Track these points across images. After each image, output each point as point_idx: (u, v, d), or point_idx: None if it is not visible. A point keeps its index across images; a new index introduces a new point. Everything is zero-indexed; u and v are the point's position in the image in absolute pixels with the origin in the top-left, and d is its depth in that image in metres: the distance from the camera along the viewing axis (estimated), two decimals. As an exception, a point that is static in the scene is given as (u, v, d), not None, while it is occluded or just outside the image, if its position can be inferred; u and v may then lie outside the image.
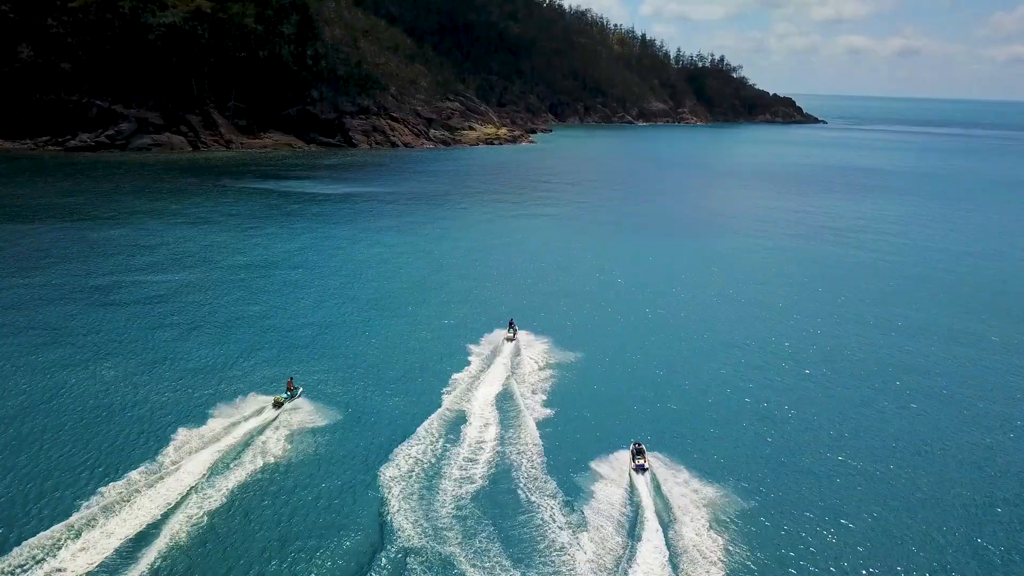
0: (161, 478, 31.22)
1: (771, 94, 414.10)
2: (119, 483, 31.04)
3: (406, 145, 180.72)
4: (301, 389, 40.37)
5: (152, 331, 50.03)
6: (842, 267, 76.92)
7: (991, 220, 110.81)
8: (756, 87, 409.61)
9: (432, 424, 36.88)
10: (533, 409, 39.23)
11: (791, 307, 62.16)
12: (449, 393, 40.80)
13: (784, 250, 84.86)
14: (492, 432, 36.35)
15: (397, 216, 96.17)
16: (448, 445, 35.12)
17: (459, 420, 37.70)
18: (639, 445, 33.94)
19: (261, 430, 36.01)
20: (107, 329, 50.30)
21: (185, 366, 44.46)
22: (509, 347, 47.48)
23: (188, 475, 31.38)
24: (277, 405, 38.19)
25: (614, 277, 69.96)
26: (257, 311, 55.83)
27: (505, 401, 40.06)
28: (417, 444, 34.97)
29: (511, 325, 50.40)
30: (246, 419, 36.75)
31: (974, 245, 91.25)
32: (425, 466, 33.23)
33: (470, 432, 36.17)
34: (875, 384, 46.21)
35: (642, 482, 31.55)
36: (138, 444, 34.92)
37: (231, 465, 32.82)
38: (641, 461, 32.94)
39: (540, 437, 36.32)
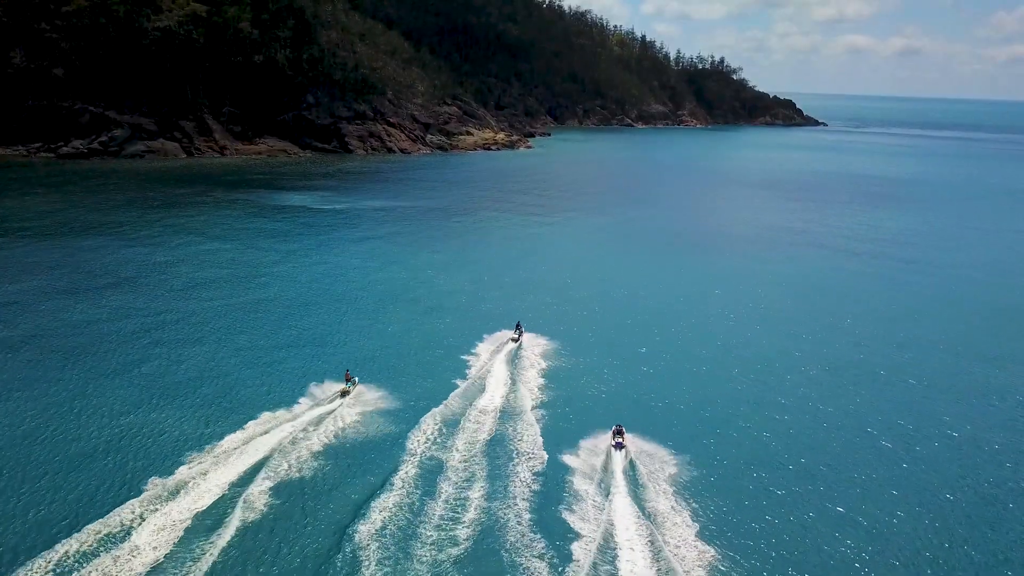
0: (245, 448, 37.21)
1: (771, 96, 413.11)
2: (207, 450, 37.17)
3: (403, 151, 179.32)
4: (357, 379, 45.15)
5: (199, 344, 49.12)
6: (844, 284, 75.71)
7: (1002, 234, 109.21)
8: (756, 89, 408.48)
9: (450, 402, 43.96)
10: (531, 395, 45.48)
11: (781, 318, 64.07)
12: (463, 380, 47.33)
13: (784, 262, 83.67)
14: (495, 411, 42.94)
15: (397, 231, 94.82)
16: (462, 418, 42.08)
17: (469, 401, 44.21)
18: (619, 427, 39.39)
19: (329, 414, 41.50)
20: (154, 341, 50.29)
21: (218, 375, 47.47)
22: (514, 346, 52.69)
23: (265, 447, 37.33)
24: (344, 394, 43.43)
25: (610, 286, 72.62)
26: (279, 320, 58.66)
27: (507, 389, 46.35)
28: (439, 415, 42.15)
29: (517, 327, 54.99)
30: (316, 406, 42.33)
31: (986, 261, 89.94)
32: (445, 431, 40.54)
33: (479, 410, 42.85)
34: (856, 387, 49.85)
35: (618, 457, 37.41)
36: (225, 421, 40.98)
37: (303, 443, 38.24)
38: (619, 440, 38.42)
39: (535, 418, 42.59)
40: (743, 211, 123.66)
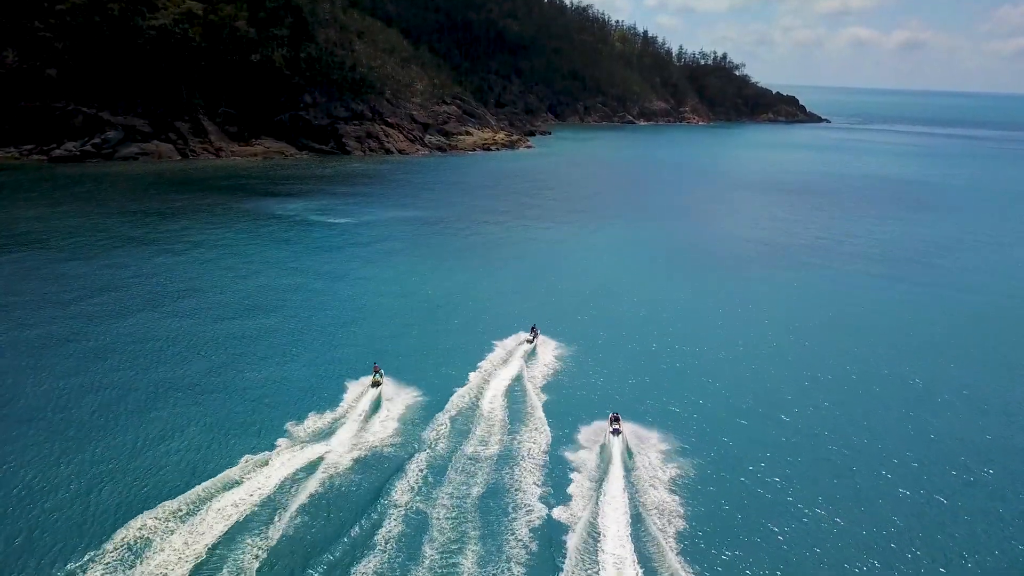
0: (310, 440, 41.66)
1: (774, 92, 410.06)
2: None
3: (401, 152, 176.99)
4: (382, 370, 49.08)
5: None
6: (849, 297, 73.91)
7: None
8: (759, 85, 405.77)
9: (468, 393, 48.55)
10: (537, 388, 50.01)
11: (779, 329, 64.92)
12: (479, 376, 51.40)
13: (790, 275, 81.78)
14: (508, 402, 47.41)
15: (397, 240, 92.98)
16: (478, 406, 46.73)
17: (486, 393, 48.43)
18: (616, 415, 43.98)
19: (376, 402, 46.44)
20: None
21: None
22: (529, 347, 56.48)
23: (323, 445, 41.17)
24: (375, 385, 47.59)
25: (616, 293, 74.78)
26: (286, 333, 57.39)
27: (517, 381, 50.75)
28: (458, 404, 46.89)
29: (533, 330, 58.78)
30: (359, 397, 46.57)
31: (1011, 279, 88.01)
32: (463, 418, 45.20)
33: (493, 400, 47.33)
34: (851, 392, 52.55)
35: (615, 441, 41.71)
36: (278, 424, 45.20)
37: (354, 435, 42.41)
38: (616, 426, 42.84)
39: (541, 407, 47.01)
40: (751, 218, 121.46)
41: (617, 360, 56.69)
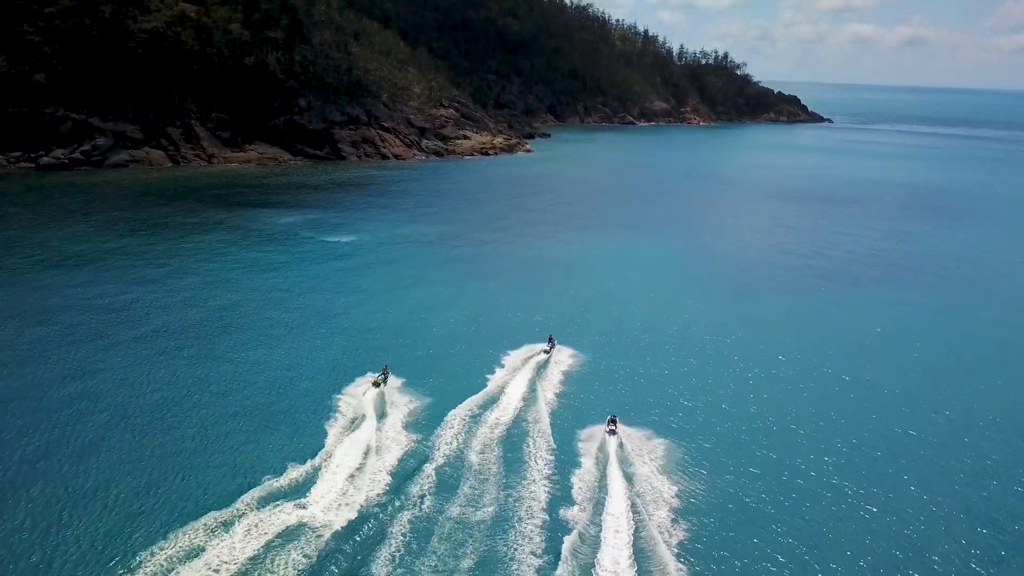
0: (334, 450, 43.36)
1: (775, 92, 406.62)
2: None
3: (397, 157, 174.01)
4: (390, 372, 52.39)
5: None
6: (856, 317, 71.28)
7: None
8: (760, 85, 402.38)
9: (480, 397, 51.30)
10: (545, 391, 53.21)
11: (779, 346, 64.33)
12: (493, 377, 54.92)
13: (807, 294, 79.13)
14: (516, 405, 50.51)
15: (398, 255, 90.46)
16: (487, 406, 50.10)
17: (498, 392, 52.26)
18: (613, 417, 47.49)
19: (380, 398, 49.73)
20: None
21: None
22: (545, 357, 58.87)
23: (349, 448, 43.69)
24: (376, 385, 50.34)
25: (625, 307, 75.31)
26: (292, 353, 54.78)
27: (527, 385, 53.77)
28: (469, 407, 49.62)
29: (550, 340, 61.04)
30: (360, 397, 49.40)
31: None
32: (472, 420, 48.03)
33: (503, 398, 51.10)
34: (860, 422, 51.26)
35: (612, 441, 45.08)
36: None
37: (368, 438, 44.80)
38: (612, 427, 46.18)
39: (546, 409, 50.15)
40: (760, 229, 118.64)
41: (627, 371, 58.13)
